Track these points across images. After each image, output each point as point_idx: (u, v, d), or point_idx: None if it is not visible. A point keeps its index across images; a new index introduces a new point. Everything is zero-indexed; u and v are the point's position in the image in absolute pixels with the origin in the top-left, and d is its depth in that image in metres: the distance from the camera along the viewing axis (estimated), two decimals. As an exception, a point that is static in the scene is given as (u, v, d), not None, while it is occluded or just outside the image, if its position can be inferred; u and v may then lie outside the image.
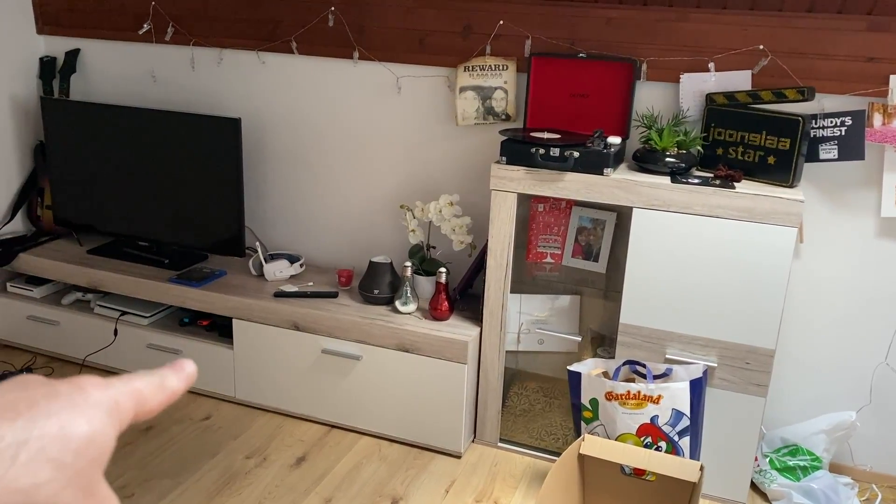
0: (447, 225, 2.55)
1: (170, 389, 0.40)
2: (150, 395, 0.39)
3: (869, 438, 2.42)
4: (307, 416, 2.64)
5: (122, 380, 0.38)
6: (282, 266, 2.74)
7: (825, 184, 2.27)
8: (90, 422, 0.34)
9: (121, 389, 0.37)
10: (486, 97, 2.51)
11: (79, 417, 0.34)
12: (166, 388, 0.40)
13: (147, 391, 0.39)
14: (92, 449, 0.34)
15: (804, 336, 2.41)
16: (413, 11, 2.55)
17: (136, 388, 0.38)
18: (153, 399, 0.39)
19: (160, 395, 0.40)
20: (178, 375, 0.41)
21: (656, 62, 2.32)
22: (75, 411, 0.34)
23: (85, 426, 0.34)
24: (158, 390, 0.40)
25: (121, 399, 0.37)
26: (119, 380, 0.38)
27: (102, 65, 3.12)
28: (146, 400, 0.39)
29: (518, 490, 2.32)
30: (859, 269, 2.31)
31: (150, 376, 0.40)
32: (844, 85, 2.16)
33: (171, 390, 0.40)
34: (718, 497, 2.29)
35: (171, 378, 0.41)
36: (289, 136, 2.88)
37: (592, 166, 2.17)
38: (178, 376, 0.41)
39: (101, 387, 0.36)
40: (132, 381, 0.38)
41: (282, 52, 2.77)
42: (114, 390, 0.36)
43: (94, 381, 0.36)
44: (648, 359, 2.24)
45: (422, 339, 2.39)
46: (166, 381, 0.40)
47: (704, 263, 2.13)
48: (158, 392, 0.39)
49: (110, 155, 2.87)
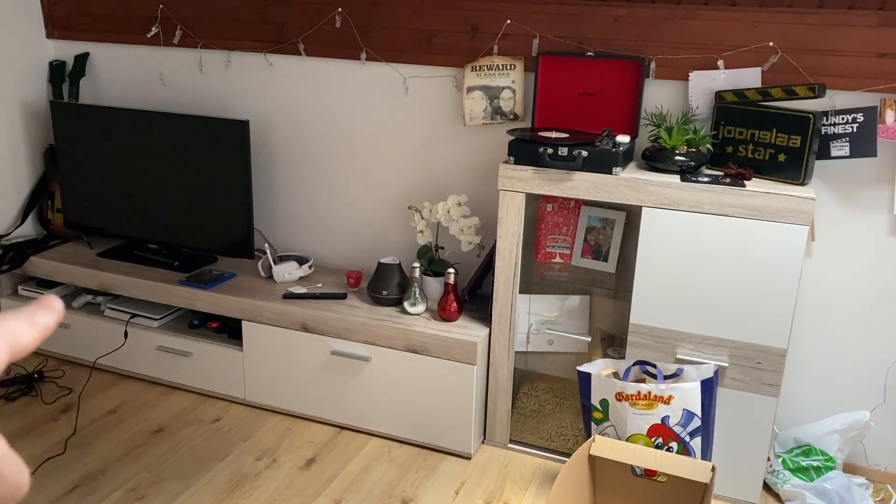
0: (455, 225, 2.54)
1: (41, 325, 0.40)
2: (22, 332, 0.39)
3: (883, 438, 2.39)
4: (317, 417, 2.64)
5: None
6: (291, 268, 2.74)
7: (837, 181, 2.25)
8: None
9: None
10: (494, 97, 2.50)
11: None
12: (38, 325, 0.40)
13: (18, 329, 0.39)
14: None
15: (817, 335, 2.39)
16: (420, 12, 2.55)
17: (6, 329, 0.38)
18: (26, 336, 0.39)
19: (32, 331, 0.40)
20: (48, 311, 0.41)
21: (665, 60, 2.30)
22: None
23: None
24: (30, 327, 0.40)
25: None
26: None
27: (111, 68, 3.13)
28: (19, 339, 0.39)
29: (528, 491, 2.31)
30: (872, 268, 2.29)
31: (20, 315, 0.40)
32: (856, 81, 2.14)
33: (42, 326, 0.40)
34: (731, 498, 2.27)
35: (41, 314, 0.41)
36: (297, 138, 2.88)
37: (601, 165, 2.16)
38: (47, 312, 0.41)
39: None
40: (3, 322, 0.38)
41: (289, 53, 2.77)
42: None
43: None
44: (659, 359, 2.22)
45: (431, 340, 2.38)
46: (37, 318, 0.40)
47: (715, 262, 2.11)
48: (30, 329, 0.40)
49: (120, 158, 2.88)
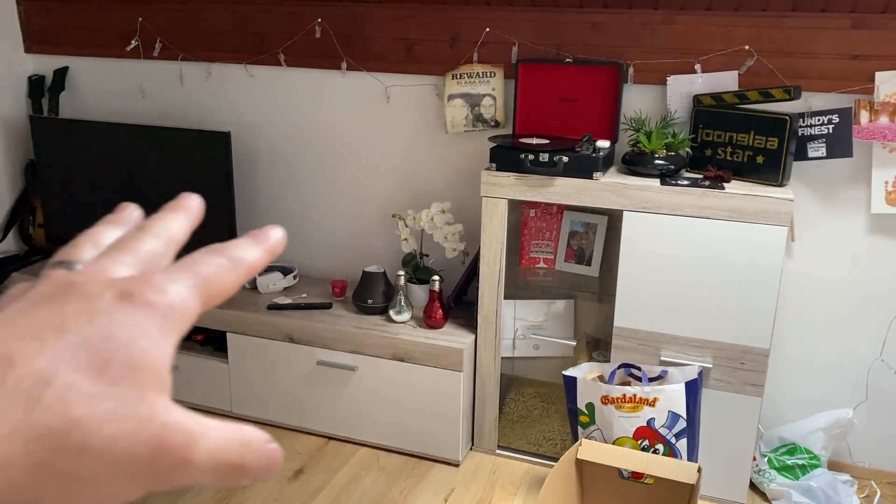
0: (439, 233, 2.55)
1: (247, 264, 0.33)
2: (221, 278, 0.32)
3: (866, 435, 2.42)
4: (304, 428, 2.63)
5: (183, 270, 0.31)
6: (275, 278, 2.73)
7: (815, 182, 2.28)
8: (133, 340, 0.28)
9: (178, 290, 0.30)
10: (475, 104, 2.52)
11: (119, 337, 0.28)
12: (242, 265, 0.33)
13: (217, 276, 0.32)
14: (139, 372, 0.28)
15: (799, 335, 2.41)
16: (400, 21, 2.56)
17: (200, 281, 0.31)
18: (225, 282, 0.32)
19: (235, 274, 0.33)
20: (261, 245, 0.34)
21: (643, 65, 2.33)
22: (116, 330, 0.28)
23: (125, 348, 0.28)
24: (233, 269, 0.33)
25: (179, 300, 0.30)
26: (180, 271, 0.31)
27: (91, 82, 3.12)
28: (216, 286, 0.32)
29: (517, 497, 2.32)
30: (851, 266, 2.32)
31: (221, 256, 0.33)
32: (830, 83, 2.17)
33: (248, 265, 0.33)
34: (718, 498, 2.29)
35: (250, 250, 0.34)
36: (279, 149, 2.88)
37: (582, 171, 2.18)
38: (259, 247, 0.34)
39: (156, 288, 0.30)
40: (197, 269, 0.32)
41: (270, 64, 2.77)
42: (170, 296, 0.30)
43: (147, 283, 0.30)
44: (643, 361, 2.23)
45: (417, 348, 2.39)
46: (244, 256, 0.33)
47: (697, 264, 2.13)
48: (232, 272, 0.33)
49: (101, 172, 2.87)
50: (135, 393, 0.27)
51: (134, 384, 0.27)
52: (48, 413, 0.26)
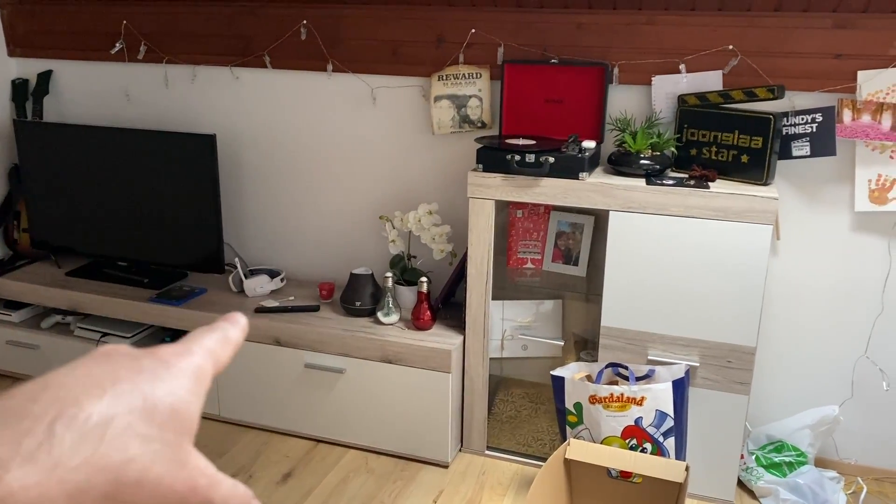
0: (427, 234, 2.55)
1: (234, 341, 0.40)
2: (222, 351, 0.39)
3: (852, 432, 2.43)
4: (292, 431, 2.62)
5: (196, 342, 0.38)
6: (262, 281, 2.72)
7: (799, 180, 2.29)
8: (174, 393, 0.34)
9: (198, 355, 0.37)
10: (461, 105, 2.52)
11: (162, 389, 0.33)
12: (231, 342, 0.40)
13: (219, 349, 0.39)
14: (178, 420, 0.33)
15: (785, 332, 2.43)
16: (385, 22, 2.56)
17: (210, 350, 0.38)
18: (224, 355, 0.39)
19: (228, 349, 0.40)
20: (236, 328, 0.41)
21: (628, 65, 2.33)
22: (158, 383, 0.34)
23: (169, 398, 0.33)
24: (227, 345, 0.39)
25: (201, 364, 0.37)
26: (193, 343, 0.38)
27: (75, 85, 3.10)
28: (220, 358, 0.39)
29: (506, 497, 2.32)
30: (836, 264, 2.33)
31: (214, 333, 0.39)
32: (813, 82, 2.19)
33: (234, 342, 0.40)
34: (706, 496, 2.30)
35: (232, 331, 0.40)
36: (265, 151, 2.88)
37: (568, 171, 2.18)
38: (235, 328, 0.41)
39: (181, 355, 0.36)
40: (204, 342, 0.38)
41: (255, 66, 2.77)
42: (193, 357, 0.36)
43: (175, 350, 0.36)
44: (631, 361, 2.24)
45: (405, 350, 2.38)
46: (230, 335, 0.40)
47: (683, 264, 2.14)
48: (226, 346, 0.39)
49: (86, 176, 2.85)
50: (176, 437, 0.33)
51: (175, 429, 0.33)
52: (112, 448, 0.30)
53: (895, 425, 2.39)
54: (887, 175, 2.19)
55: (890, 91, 2.12)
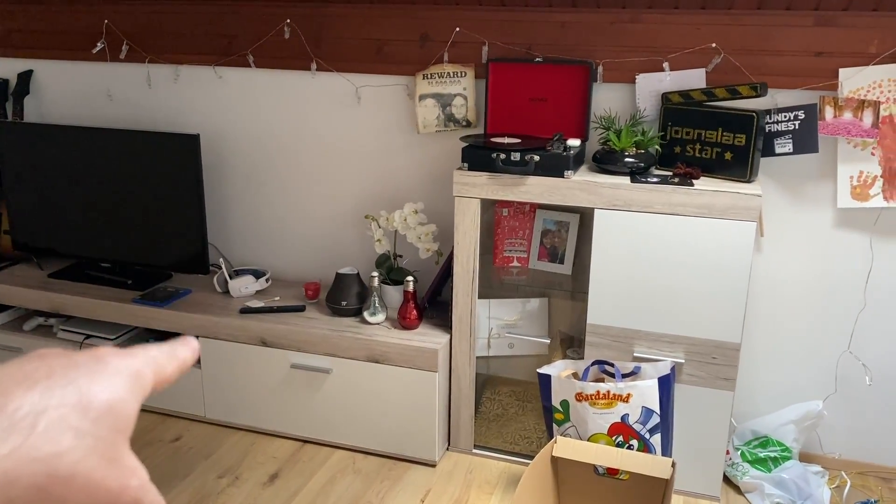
0: (413, 233, 2.55)
1: (181, 359, 0.41)
2: (166, 363, 0.39)
3: (836, 427, 2.45)
4: (279, 432, 2.61)
5: (139, 349, 0.39)
6: (247, 282, 2.71)
7: (782, 177, 2.31)
8: (110, 389, 0.34)
9: (139, 358, 0.37)
10: (446, 104, 2.52)
11: (98, 385, 0.33)
12: (178, 358, 0.41)
13: (163, 360, 0.39)
14: (113, 417, 0.33)
15: (769, 328, 2.44)
16: (369, 21, 2.55)
17: (153, 357, 0.38)
18: (169, 367, 0.40)
19: (174, 363, 0.40)
20: (186, 347, 0.42)
21: (612, 64, 2.34)
22: (94, 378, 0.33)
23: (104, 394, 0.33)
24: (172, 359, 0.40)
25: (141, 367, 0.37)
26: (137, 349, 0.38)
27: (57, 85, 3.07)
28: (163, 368, 0.39)
29: (494, 496, 2.32)
30: (819, 260, 2.35)
31: (163, 346, 0.40)
32: (796, 80, 2.20)
33: (182, 359, 0.41)
34: (692, 492, 2.31)
35: (181, 349, 0.41)
36: (249, 150, 2.86)
37: (553, 169, 2.18)
38: (185, 348, 0.42)
39: (119, 356, 0.36)
40: (148, 351, 0.39)
41: (239, 66, 2.75)
42: (133, 359, 0.37)
43: (115, 351, 0.37)
44: (617, 358, 2.25)
45: (392, 349, 2.38)
46: (177, 352, 0.41)
47: (667, 261, 2.15)
48: (172, 360, 0.40)
49: (68, 176, 2.82)
50: (111, 434, 0.33)
51: (110, 426, 0.33)
52: (43, 440, 0.30)
53: (878, 420, 2.42)
54: (869, 171, 2.21)
55: (871, 88, 2.14)
